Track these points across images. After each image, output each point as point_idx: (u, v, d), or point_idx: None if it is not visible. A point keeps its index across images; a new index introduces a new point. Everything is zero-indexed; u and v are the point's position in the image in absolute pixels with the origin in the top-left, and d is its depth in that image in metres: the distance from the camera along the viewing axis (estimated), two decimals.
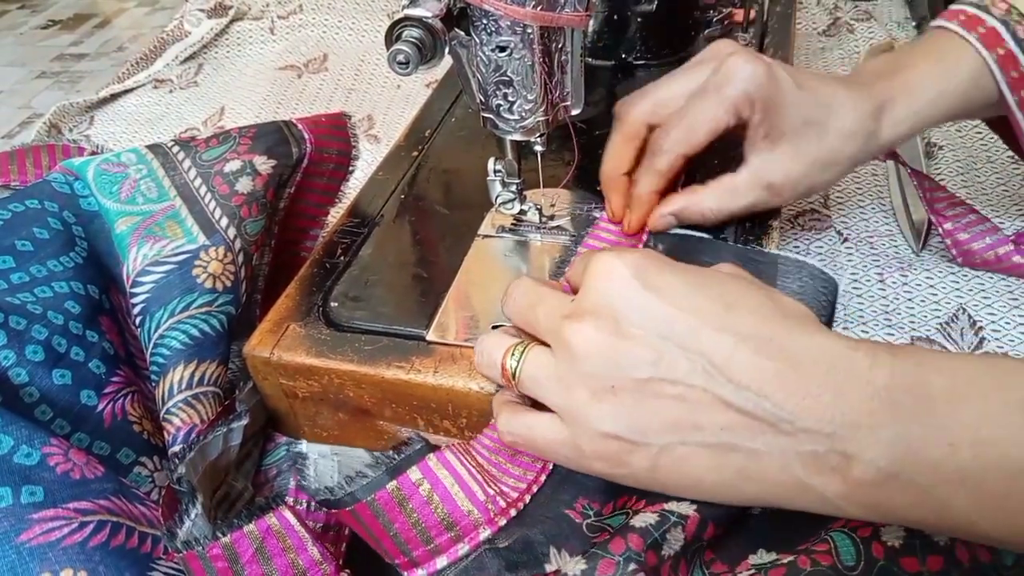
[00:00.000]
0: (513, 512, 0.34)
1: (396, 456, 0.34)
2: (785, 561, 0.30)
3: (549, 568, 0.32)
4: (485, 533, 0.33)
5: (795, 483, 0.28)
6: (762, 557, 0.31)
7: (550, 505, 0.34)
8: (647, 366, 0.29)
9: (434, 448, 0.35)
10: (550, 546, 0.32)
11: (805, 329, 0.29)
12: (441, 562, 0.33)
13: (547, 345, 0.33)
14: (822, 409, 0.27)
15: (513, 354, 0.33)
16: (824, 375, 0.27)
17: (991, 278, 0.50)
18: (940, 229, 0.51)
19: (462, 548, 0.33)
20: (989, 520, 0.25)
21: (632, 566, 0.28)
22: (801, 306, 0.31)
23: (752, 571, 0.30)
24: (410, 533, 0.33)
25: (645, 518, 0.30)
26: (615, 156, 0.45)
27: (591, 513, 0.34)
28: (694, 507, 0.31)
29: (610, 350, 0.30)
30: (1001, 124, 0.47)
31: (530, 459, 0.36)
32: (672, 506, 0.31)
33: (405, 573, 0.34)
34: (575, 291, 0.35)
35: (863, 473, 0.26)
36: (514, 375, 0.33)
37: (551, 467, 0.35)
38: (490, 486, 0.34)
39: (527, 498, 0.34)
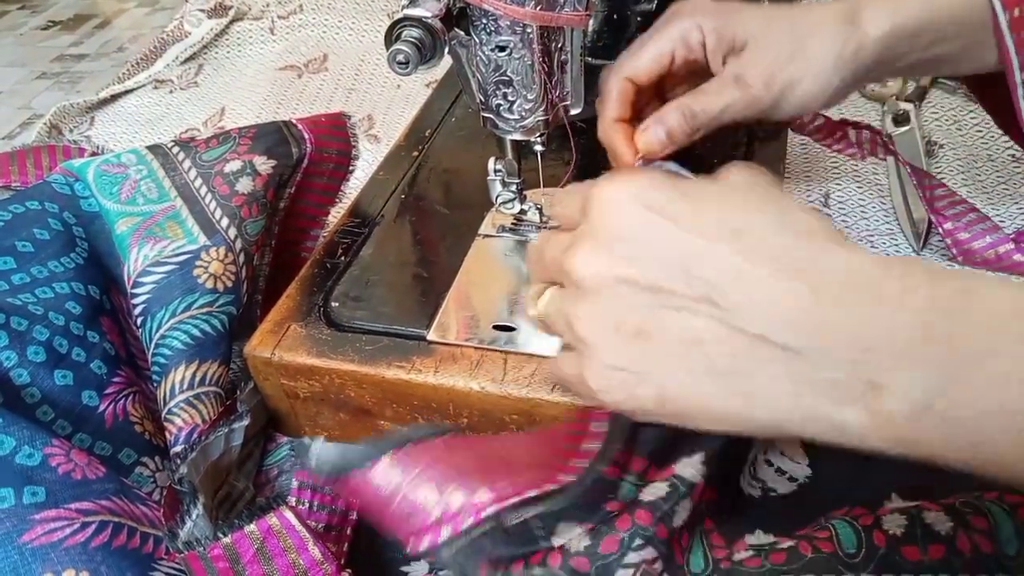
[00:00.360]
0: (530, 494, 0.33)
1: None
2: (785, 546, 0.30)
3: (556, 540, 0.31)
4: (491, 510, 0.32)
5: (809, 412, 0.26)
6: (759, 538, 0.31)
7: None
8: (649, 293, 0.28)
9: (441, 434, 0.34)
10: (557, 523, 0.32)
11: (824, 247, 0.26)
12: (445, 532, 0.32)
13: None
14: (843, 333, 0.25)
15: (539, 298, 0.33)
16: (845, 296, 0.25)
17: (992, 270, 0.50)
18: (940, 228, 0.51)
19: (467, 520, 0.32)
20: None
21: (638, 541, 0.28)
22: (821, 220, 0.28)
23: (751, 552, 0.30)
24: (414, 506, 0.32)
25: (655, 490, 0.30)
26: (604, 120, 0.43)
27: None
28: (703, 472, 0.30)
29: (610, 278, 0.28)
30: (981, 89, 0.46)
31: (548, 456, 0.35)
32: (682, 470, 0.30)
33: (410, 541, 0.33)
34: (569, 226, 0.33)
35: (894, 404, 0.24)
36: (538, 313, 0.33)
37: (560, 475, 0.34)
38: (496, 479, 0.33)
39: (532, 492, 0.33)
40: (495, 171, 0.46)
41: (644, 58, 0.41)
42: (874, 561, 0.28)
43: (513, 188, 0.46)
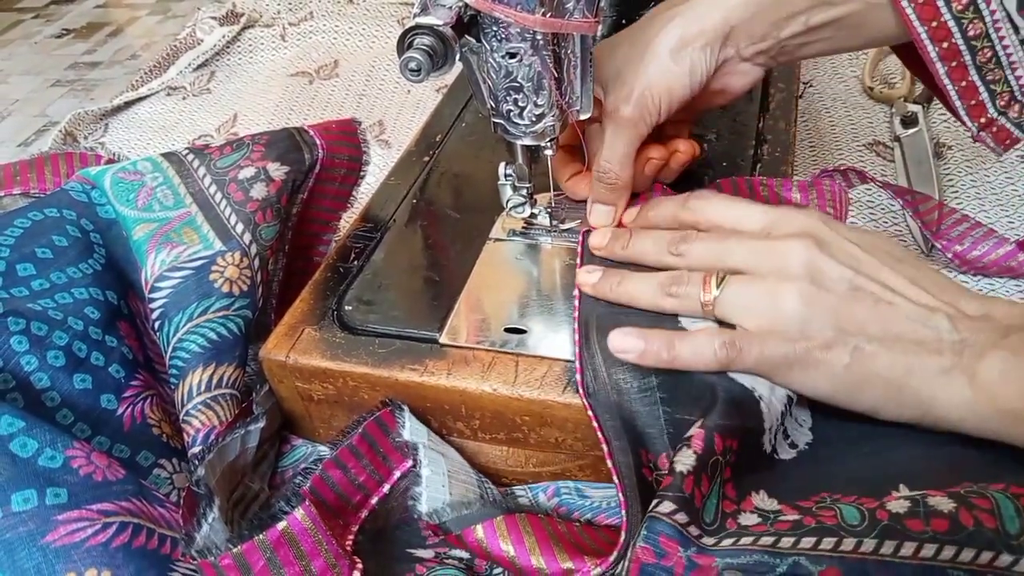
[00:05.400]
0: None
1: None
2: (791, 518, 0.31)
3: None
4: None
5: (943, 377, 0.32)
6: (764, 499, 0.33)
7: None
8: (845, 280, 0.35)
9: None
10: None
11: (956, 283, 0.36)
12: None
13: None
14: (973, 326, 0.33)
15: (714, 280, 0.37)
16: (975, 307, 0.34)
17: (1001, 276, 0.50)
18: (946, 255, 0.51)
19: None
20: None
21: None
22: None
23: (758, 519, 0.31)
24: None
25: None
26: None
27: (652, 466, 0.35)
28: (698, 423, 0.34)
29: (817, 260, 0.35)
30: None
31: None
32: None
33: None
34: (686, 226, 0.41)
35: (987, 365, 0.32)
36: (715, 297, 0.37)
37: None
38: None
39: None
40: (506, 176, 0.46)
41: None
42: (877, 529, 0.29)
43: (523, 192, 0.47)
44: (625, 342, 0.37)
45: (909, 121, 0.63)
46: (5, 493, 0.32)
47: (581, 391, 0.37)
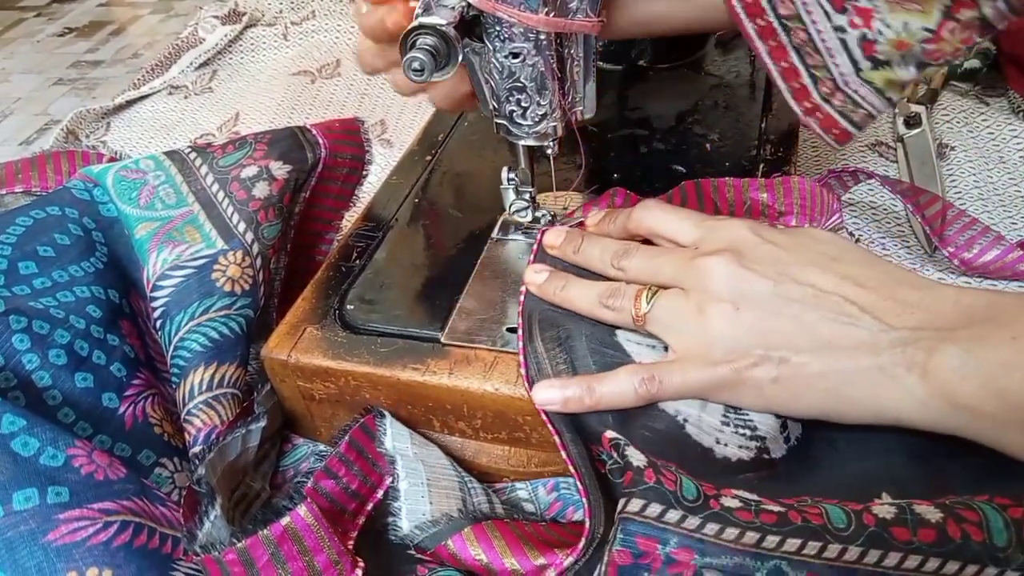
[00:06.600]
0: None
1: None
2: (775, 509, 0.31)
3: None
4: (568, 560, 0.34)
5: (884, 377, 0.32)
6: (744, 493, 0.32)
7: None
8: (767, 292, 0.34)
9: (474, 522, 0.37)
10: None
11: (901, 271, 0.35)
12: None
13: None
14: (914, 319, 0.32)
15: (645, 296, 0.37)
16: (917, 298, 0.33)
17: (1004, 279, 0.50)
18: (945, 251, 0.50)
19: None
20: None
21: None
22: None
23: (740, 504, 0.31)
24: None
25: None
26: None
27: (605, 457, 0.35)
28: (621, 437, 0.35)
29: (737, 276, 0.35)
30: None
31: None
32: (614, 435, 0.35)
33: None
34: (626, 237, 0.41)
35: (939, 362, 0.30)
36: (645, 313, 0.37)
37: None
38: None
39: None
40: (508, 179, 0.46)
41: None
42: (863, 536, 0.29)
43: (526, 196, 0.47)
44: (547, 395, 0.37)
45: (912, 122, 0.63)
46: (6, 492, 0.32)
47: (527, 385, 0.37)
